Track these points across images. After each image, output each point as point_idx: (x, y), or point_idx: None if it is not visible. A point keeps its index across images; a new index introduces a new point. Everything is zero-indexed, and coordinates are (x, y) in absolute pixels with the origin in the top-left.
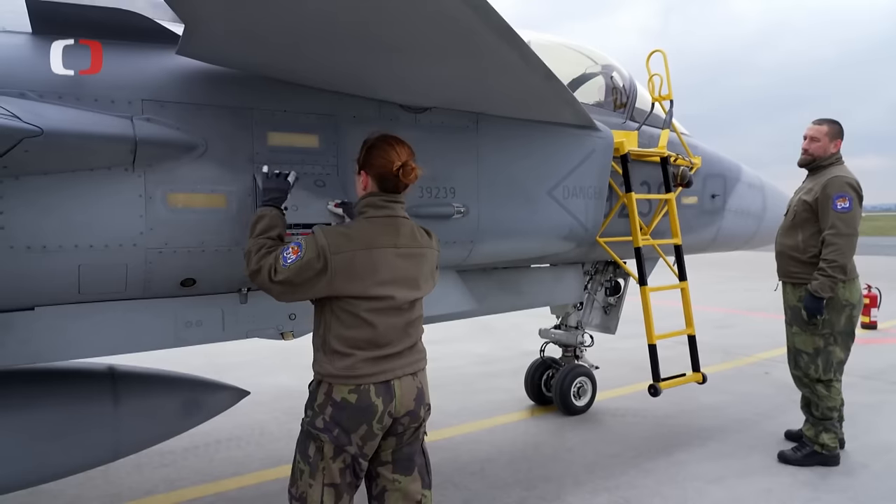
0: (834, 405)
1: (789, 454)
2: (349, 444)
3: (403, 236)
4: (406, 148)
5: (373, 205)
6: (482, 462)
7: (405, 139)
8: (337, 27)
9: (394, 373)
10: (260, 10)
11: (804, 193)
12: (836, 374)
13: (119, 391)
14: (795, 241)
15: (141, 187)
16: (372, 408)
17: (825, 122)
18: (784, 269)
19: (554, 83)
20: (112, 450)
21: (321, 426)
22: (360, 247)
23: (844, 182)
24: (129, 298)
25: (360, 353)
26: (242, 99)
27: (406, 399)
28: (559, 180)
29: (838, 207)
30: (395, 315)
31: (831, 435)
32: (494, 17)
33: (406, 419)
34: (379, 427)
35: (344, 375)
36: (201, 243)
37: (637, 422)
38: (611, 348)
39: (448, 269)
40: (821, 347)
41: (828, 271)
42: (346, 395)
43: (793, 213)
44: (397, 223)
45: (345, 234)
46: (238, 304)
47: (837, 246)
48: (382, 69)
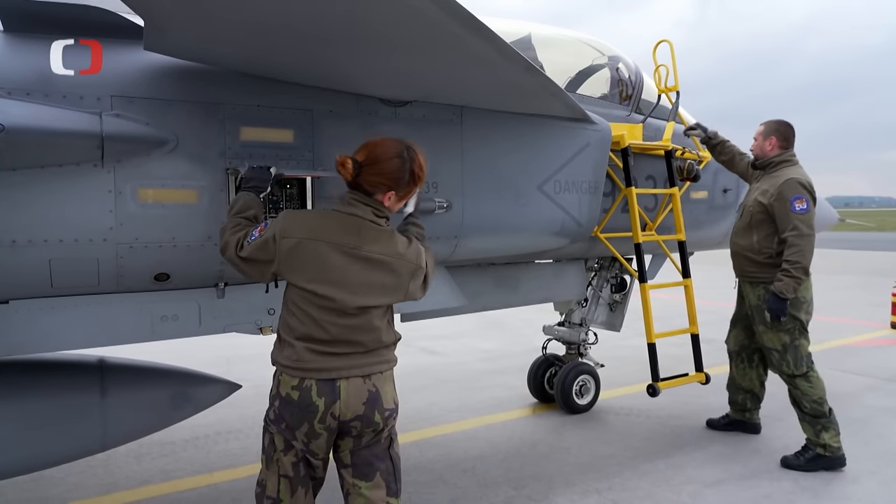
0: (821, 396)
1: (792, 459)
2: (294, 440)
3: (365, 239)
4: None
5: (344, 200)
6: (475, 460)
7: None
8: (300, 21)
9: (338, 372)
10: (214, 5)
11: (759, 194)
12: (810, 365)
13: (107, 383)
14: (751, 241)
15: (110, 182)
16: (312, 407)
17: (765, 123)
18: (740, 269)
19: (536, 75)
20: (99, 441)
21: (272, 417)
22: (308, 236)
23: (798, 184)
24: (104, 292)
25: (301, 343)
26: (214, 94)
27: (353, 402)
28: (550, 175)
29: (797, 209)
30: (340, 317)
31: (832, 433)
32: (458, 10)
33: (357, 423)
34: (321, 427)
35: (289, 366)
36: (173, 238)
37: (640, 421)
38: (621, 346)
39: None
40: (788, 343)
41: (792, 272)
42: (290, 390)
43: (748, 215)
44: (361, 225)
45: (303, 221)
46: (215, 299)
47: (800, 247)
48: (354, 63)
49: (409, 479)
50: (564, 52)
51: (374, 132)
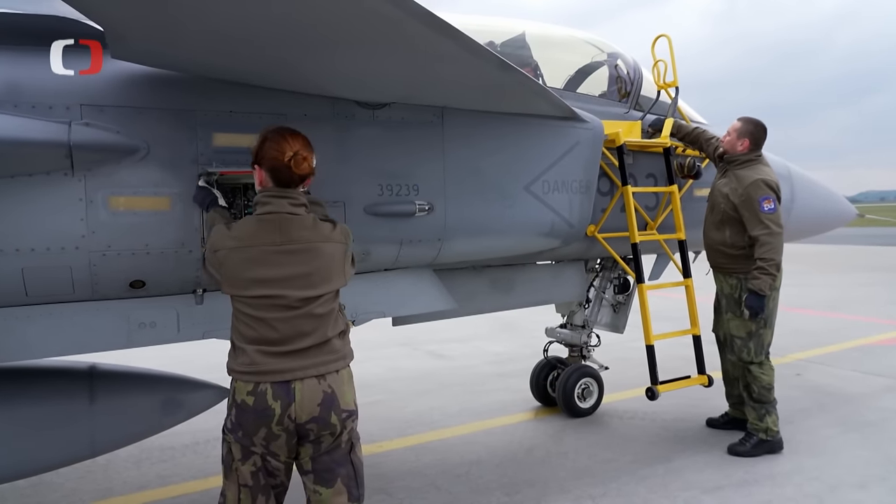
0: (770, 383)
1: (738, 447)
2: (254, 446)
3: (288, 232)
4: (300, 138)
5: (259, 202)
6: (470, 465)
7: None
8: (254, 27)
9: (293, 373)
10: (165, 11)
11: (730, 191)
12: (767, 355)
13: (96, 389)
14: (723, 237)
15: (81, 191)
16: (269, 411)
17: (742, 120)
18: (714, 261)
19: (513, 73)
20: (89, 447)
21: (229, 426)
22: (235, 245)
23: (765, 184)
24: (80, 300)
25: (253, 347)
26: (185, 101)
27: (308, 404)
28: (538, 175)
29: (765, 209)
30: (287, 312)
31: (773, 418)
32: (416, 9)
33: (313, 426)
34: (280, 429)
35: (244, 371)
36: (146, 245)
37: (643, 425)
38: (629, 347)
39: (421, 267)
40: (752, 331)
41: (767, 269)
42: (245, 396)
43: (720, 213)
44: (280, 220)
45: (227, 233)
46: (193, 305)
47: (772, 245)
48: (320, 67)
49: (401, 485)
50: (561, 50)
51: (346, 135)
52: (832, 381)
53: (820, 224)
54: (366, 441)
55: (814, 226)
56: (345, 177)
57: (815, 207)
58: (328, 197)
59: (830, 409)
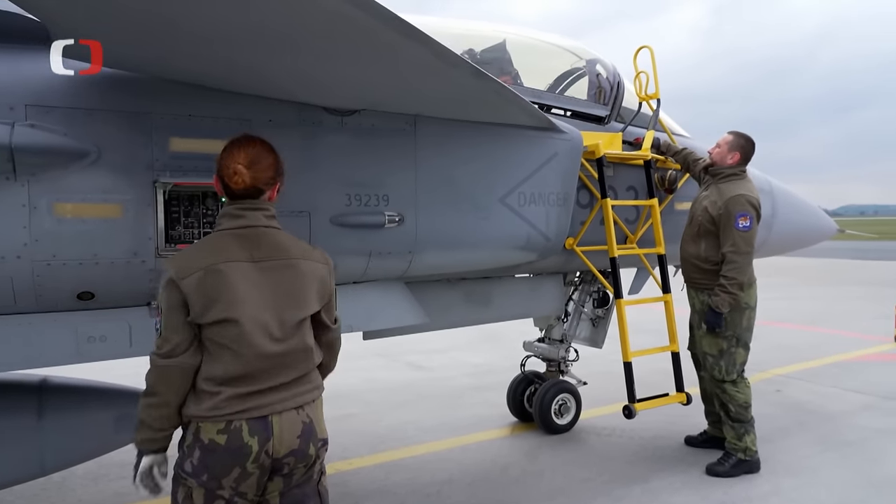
0: (746, 401)
1: (716, 467)
2: (221, 489)
3: (264, 247)
4: (250, 150)
5: (227, 214)
6: (441, 484)
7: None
8: (204, 25)
9: (272, 408)
10: (113, 4)
11: (708, 204)
12: (740, 374)
13: (45, 404)
14: (698, 250)
15: (24, 197)
16: (245, 449)
17: (733, 134)
18: (687, 275)
19: (487, 81)
20: (38, 465)
21: (189, 470)
22: (208, 264)
23: (746, 201)
24: (23, 312)
25: (228, 390)
26: (139, 103)
27: (287, 437)
28: (513, 187)
29: (740, 226)
30: (270, 342)
31: (752, 437)
32: (381, 12)
33: (290, 459)
34: (254, 467)
35: (211, 416)
36: (94, 255)
37: (621, 443)
38: (608, 361)
39: (391, 280)
40: (724, 349)
41: (728, 288)
42: (214, 435)
43: (697, 225)
44: (256, 233)
45: (191, 254)
46: (147, 318)
47: (737, 264)
48: (285, 69)
49: None
50: (543, 56)
51: (313, 142)
52: (812, 398)
53: (801, 239)
54: (336, 457)
55: (794, 241)
56: (311, 185)
57: (796, 222)
58: (293, 206)
59: (810, 427)
